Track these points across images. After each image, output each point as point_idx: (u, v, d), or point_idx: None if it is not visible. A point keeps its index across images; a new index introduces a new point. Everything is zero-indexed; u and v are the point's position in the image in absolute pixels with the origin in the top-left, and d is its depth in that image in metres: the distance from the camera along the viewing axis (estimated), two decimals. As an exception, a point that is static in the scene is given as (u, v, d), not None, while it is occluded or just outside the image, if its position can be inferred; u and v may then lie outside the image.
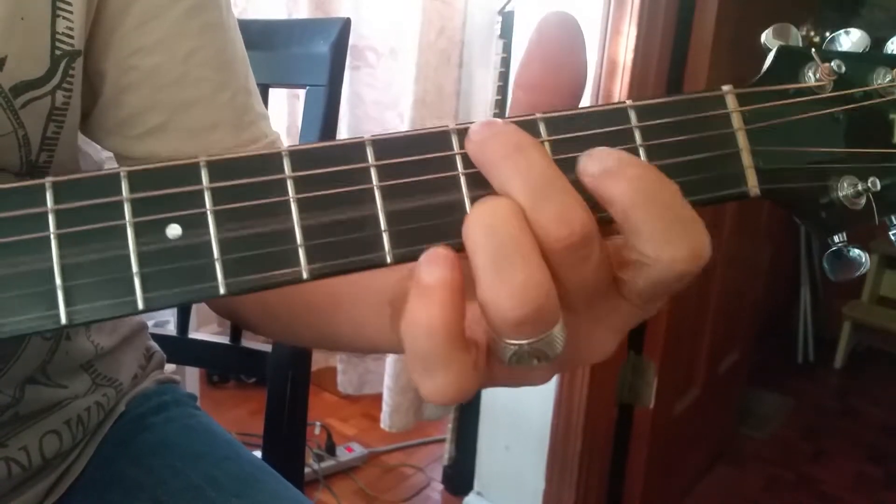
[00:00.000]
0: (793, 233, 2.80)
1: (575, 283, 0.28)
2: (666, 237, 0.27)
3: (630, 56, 1.35)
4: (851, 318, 2.82)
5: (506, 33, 1.59)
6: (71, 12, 0.48)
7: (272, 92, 0.83)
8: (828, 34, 0.33)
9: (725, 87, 0.31)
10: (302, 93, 0.82)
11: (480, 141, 0.27)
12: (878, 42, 0.34)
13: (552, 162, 0.27)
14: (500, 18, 1.62)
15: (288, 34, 0.84)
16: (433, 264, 0.26)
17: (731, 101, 0.31)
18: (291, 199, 0.27)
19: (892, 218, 0.32)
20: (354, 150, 0.27)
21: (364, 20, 1.91)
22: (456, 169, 0.28)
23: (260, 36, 0.57)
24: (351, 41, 0.83)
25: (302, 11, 1.90)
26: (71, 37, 0.49)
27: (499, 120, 0.28)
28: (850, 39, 0.33)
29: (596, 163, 0.28)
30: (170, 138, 0.54)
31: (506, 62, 1.59)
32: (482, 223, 0.26)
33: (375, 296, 0.43)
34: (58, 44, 0.48)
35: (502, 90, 1.59)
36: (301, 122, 0.81)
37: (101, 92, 0.53)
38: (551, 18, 0.30)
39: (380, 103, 1.96)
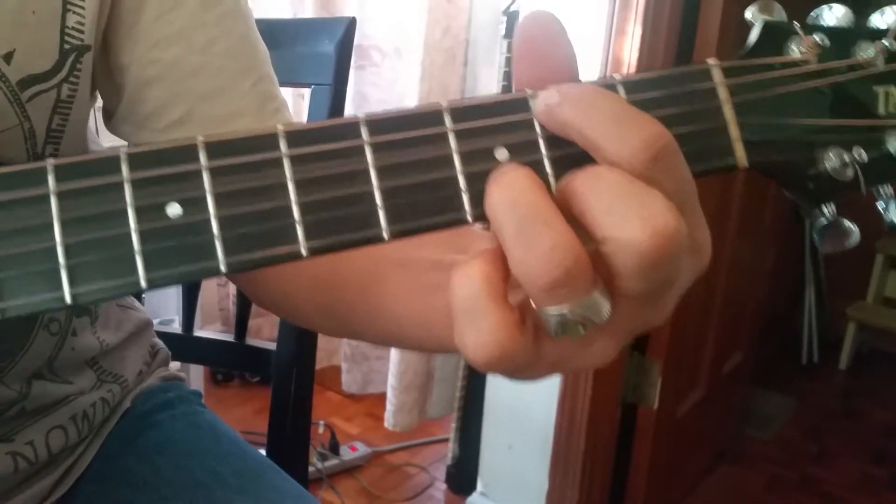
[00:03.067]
0: (797, 233, 2.79)
1: None
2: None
3: (635, 55, 1.35)
4: (856, 319, 2.81)
5: (511, 33, 1.60)
6: (82, 7, 0.49)
7: (277, 91, 0.83)
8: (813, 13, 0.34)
9: (711, 61, 0.31)
10: (307, 92, 0.83)
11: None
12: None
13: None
14: (504, 18, 1.63)
15: (293, 33, 0.84)
16: None
17: (717, 75, 0.31)
18: (288, 178, 0.27)
19: (880, 188, 0.32)
20: (349, 128, 0.28)
21: (369, 19, 1.92)
22: (449, 145, 0.28)
23: (265, 35, 0.58)
24: (356, 40, 0.83)
25: (307, 11, 1.91)
26: (81, 31, 0.49)
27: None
28: (834, 15, 0.33)
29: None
30: (194, 129, 0.53)
31: (510, 61, 1.59)
32: (503, 199, 0.27)
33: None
34: (67, 38, 0.49)
35: (507, 89, 1.59)
36: (306, 121, 0.81)
37: (124, 88, 0.54)
38: (526, 19, 0.30)
39: (385, 102, 1.96)
